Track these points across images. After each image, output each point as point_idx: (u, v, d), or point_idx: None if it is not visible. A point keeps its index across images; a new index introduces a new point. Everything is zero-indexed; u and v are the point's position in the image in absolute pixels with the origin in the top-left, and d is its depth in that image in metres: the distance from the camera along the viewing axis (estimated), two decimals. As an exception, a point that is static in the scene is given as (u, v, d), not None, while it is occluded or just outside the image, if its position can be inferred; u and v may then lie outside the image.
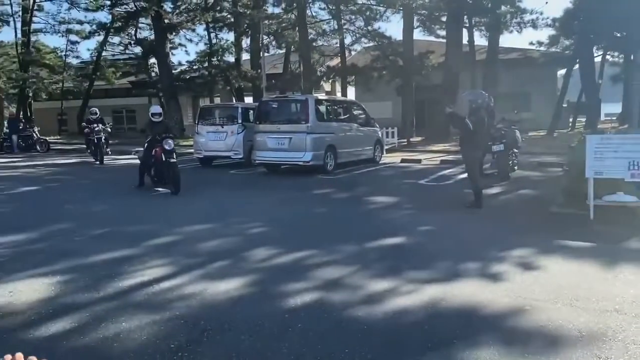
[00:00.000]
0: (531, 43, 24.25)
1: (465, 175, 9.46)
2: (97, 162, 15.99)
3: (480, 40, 26.14)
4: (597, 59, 23.43)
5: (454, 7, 21.30)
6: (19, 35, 33.57)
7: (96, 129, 16.08)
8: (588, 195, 7.05)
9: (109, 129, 17.60)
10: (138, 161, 11.31)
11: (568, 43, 23.28)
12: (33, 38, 34.55)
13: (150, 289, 4.64)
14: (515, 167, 12.02)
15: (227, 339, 3.60)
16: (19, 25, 33.73)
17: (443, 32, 24.21)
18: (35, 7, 32.91)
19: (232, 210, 8.38)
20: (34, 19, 33.74)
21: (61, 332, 3.75)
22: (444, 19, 23.76)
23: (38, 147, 21.27)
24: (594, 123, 19.82)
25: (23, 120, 22.83)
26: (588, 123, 20.47)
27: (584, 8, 20.05)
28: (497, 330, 3.67)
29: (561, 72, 27.31)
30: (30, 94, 34.61)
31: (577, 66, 22.26)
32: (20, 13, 33.07)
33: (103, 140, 16.13)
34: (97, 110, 17.57)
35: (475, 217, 7.64)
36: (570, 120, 26.68)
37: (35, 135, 21.86)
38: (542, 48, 24.40)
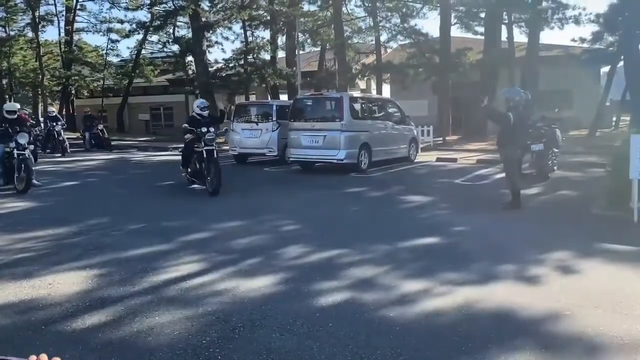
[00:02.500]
0: (573, 40, 23.49)
1: (502, 175, 9.25)
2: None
3: (520, 36, 25.55)
4: (643, 56, 22.54)
5: (492, 3, 20.87)
6: (63, 34, 34.68)
7: None
8: (632, 197, 6.80)
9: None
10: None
11: (612, 39, 22.50)
12: (76, 37, 35.62)
13: (184, 284, 4.69)
14: (555, 167, 11.69)
15: (258, 336, 3.60)
16: (62, 24, 34.89)
17: (481, 29, 23.71)
18: (78, 7, 33.93)
19: (266, 208, 8.42)
20: (77, 18, 34.82)
21: (97, 324, 3.82)
22: (482, 15, 23.30)
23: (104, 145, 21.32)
24: (638, 122, 19.10)
25: (96, 118, 22.42)
26: (632, 122, 19.75)
27: (629, 3, 19.35)
28: (534, 335, 3.56)
29: (605, 69, 26.43)
30: (73, 91, 35.65)
31: (621, 63, 21.51)
32: (64, 13, 34.14)
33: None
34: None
35: (512, 218, 7.46)
36: (614, 119, 25.81)
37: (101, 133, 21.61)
38: (584, 45, 23.65)
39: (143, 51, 34.32)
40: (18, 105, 11.42)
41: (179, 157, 11.60)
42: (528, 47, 22.65)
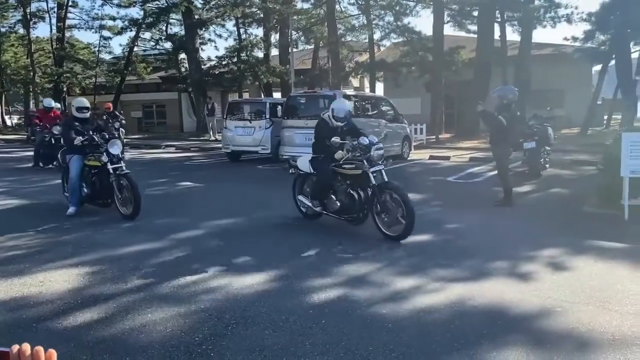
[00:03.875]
0: (565, 38, 23.66)
1: (495, 172, 9.28)
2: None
3: (513, 35, 25.62)
4: (634, 55, 22.65)
5: (485, 2, 20.89)
6: (54, 31, 34.45)
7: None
8: (623, 194, 6.85)
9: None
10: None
11: (604, 38, 22.60)
12: (67, 34, 35.38)
13: (176, 281, 4.68)
14: (547, 165, 11.75)
15: (251, 333, 3.60)
16: (54, 21, 34.66)
17: (474, 27, 23.76)
18: (70, 4, 33.66)
19: (259, 205, 8.40)
20: (69, 15, 34.55)
21: (89, 322, 3.81)
22: (475, 13, 23.33)
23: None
24: (629, 121, 19.20)
25: (117, 116, 20.21)
26: (623, 121, 19.87)
27: (621, 2, 19.45)
28: (525, 332, 3.59)
29: (596, 68, 26.54)
30: (65, 89, 35.43)
31: (613, 62, 21.63)
32: (56, 9, 33.90)
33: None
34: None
35: (504, 215, 7.49)
36: (605, 117, 25.95)
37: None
38: (576, 43, 23.74)
39: (135, 48, 34.10)
40: (87, 102, 8.11)
41: (171, 155, 11.55)
42: (520, 45, 22.72)
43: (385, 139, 6.69)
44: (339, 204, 6.35)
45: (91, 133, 7.38)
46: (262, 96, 27.30)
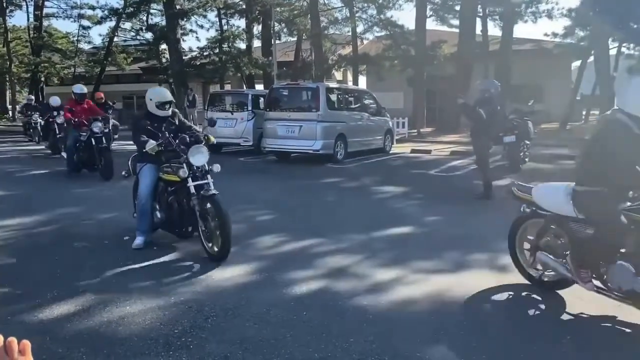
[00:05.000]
0: (546, 34, 23.88)
1: (475, 166, 9.36)
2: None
3: (494, 30, 25.82)
4: (613, 51, 23.02)
5: (467, -4, 21.03)
6: (32, 19, 33.74)
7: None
8: (600, 188, 6.92)
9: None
10: None
11: (583, 34, 22.93)
12: (45, 23, 34.71)
13: (156, 274, 4.63)
14: (527, 159, 11.88)
15: (231, 326, 3.58)
16: (31, 9, 33.95)
17: (456, 22, 23.91)
18: (48, -8, 32.99)
19: (240, 197, 8.35)
20: (47, 3, 33.88)
21: (65, 315, 3.75)
22: (457, 8, 23.47)
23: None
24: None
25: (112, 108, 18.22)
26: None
27: (600, -2, 19.74)
28: (505, 322, 3.62)
29: (576, 64, 26.93)
30: (42, 79, 34.78)
31: (592, 58, 21.94)
32: (33, -3, 33.23)
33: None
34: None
35: (484, 208, 7.56)
36: (584, 113, 26.34)
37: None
38: (556, 39, 24.05)
39: (116, 38, 33.60)
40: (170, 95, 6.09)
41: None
42: (502, 40, 22.93)
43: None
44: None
45: (167, 135, 5.28)
46: (245, 88, 27.13)
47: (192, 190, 5.03)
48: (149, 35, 30.82)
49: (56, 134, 12.82)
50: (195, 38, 68.62)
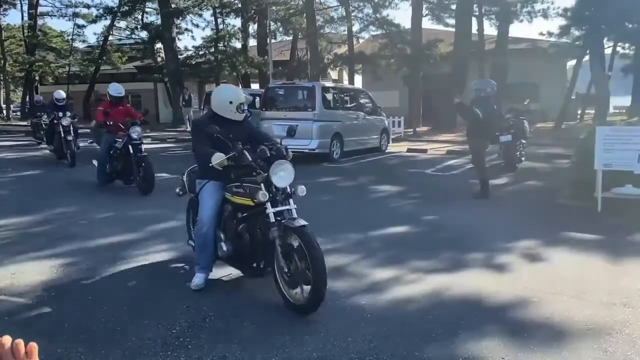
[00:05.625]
0: (541, 33, 23.91)
1: (471, 165, 9.37)
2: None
3: (490, 29, 25.86)
4: (608, 51, 23.07)
5: (463, -5, 21.05)
6: (26, 18, 33.56)
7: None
8: (596, 187, 6.98)
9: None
10: None
11: (579, 34, 22.95)
12: (40, 21, 34.56)
13: (153, 273, 4.63)
14: (523, 158, 11.91)
15: (229, 326, 3.57)
16: (25, 8, 33.76)
17: (452, 21, 23.93)
18: (42, -10, 32.84)
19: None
20: (41, 2, 33.75)
21: (63, 314, 3.73)
22: (453, 7, 23.49)
23: None
24: (603, 115, 19.57)
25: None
26: (597, 115, 20.24)
27: (596, -3, 19.77)
28: (502, 321, 3.63)
29: (571, 63, 26.97)
30: (37, 78, 34.60)
31: (587, 57, 21.98)
32: (27, -5, 33.06)
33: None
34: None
35: (481, 207, 7.57)
36: (579, 112, 26.39)
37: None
38: (552, 38, 24.08)
39: (110, 37, 33.49)
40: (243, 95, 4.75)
41: (147, 147, 11.37)
42: (497, 39, 22.97)
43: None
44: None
45: (240, 147, 4.01)
46: (240, 87, 27.07)
47: (272, 218, 3.84)
48: (144, 34, 30.74)
49: (61, 137, 11.71)
50: (191, 37, 68.55)
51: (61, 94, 12.96)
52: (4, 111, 34.39)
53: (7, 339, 1.00)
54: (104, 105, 8.93)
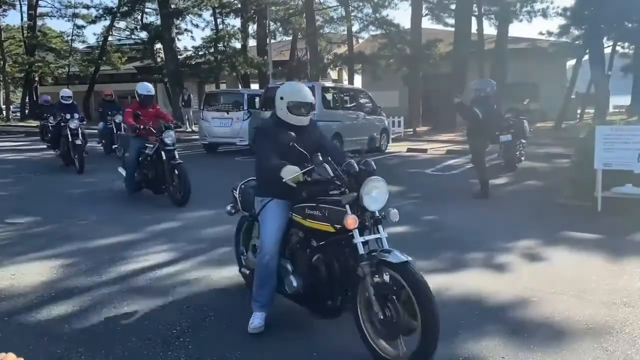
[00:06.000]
0: (541, 33, 23.91)
1: (471, 165, 9.37)
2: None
3: (489, 29, 25.87)
4: (607, 50, 23.07)
5: (463, -5, 21.05)
6: (25, 18, 33.57)
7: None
8: (596, 186, 6.98)
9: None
10: None
11: (578, 33, 22.97)
12: (39, 22, 34.57)
13: (153, 274, 4.62)
14: (523, 158, 11.91)
15: (230, 325, 3.57)
16: (25, 8, 33.77)
17: (452, 21, 23.93)
18: (42, -9, 32.85)
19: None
20: (40, 2, 33.74)
21: (63, 315, 3.73)
22: (452, 7, 23.49)
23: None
24: (602, 115, 19.58)
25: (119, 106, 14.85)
26: (597, 115, 20.25)
27: (595, -4, 19.79)
28: (502, 321, 3.63)
29: (570, 62, 26.97)
30: (36, 78, 34.61)
31: (586, 57, 21.99)
32: (27, -4, 33.07)
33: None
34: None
35: (481, 207, 7.57)
36: (579, 111, 26.40)
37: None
38: (551, 38, 24.09)
39: (110, 38, 33.52)
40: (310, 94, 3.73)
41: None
42: (497, 39, 22.97)
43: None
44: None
45: (320, 158, 3.19)
46: (240, 87, 27.08)
47: (362, 249, 3.09)
48: (143, 35, 30.77)
49: (68, 140, 10.92)
50: (190, 37, 68.78)
51: (67, 91, 12.30)
52: (4, 112, 34.39)
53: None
54: (132, 107, 8.05)
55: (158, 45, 29.96)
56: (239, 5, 28.30)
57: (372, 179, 3.14)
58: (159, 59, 30.53)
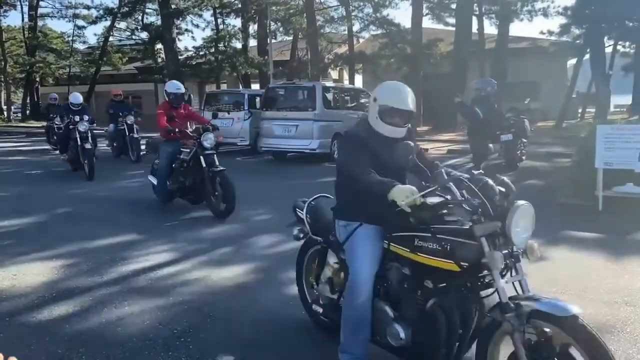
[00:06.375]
0: (541, 32, 23.93)
1: (472, 164, 9.36)
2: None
3: (490, 28, 25.88)
4: (608, 49, 23.05)
5: (463, -5, 21.04)
6: (26, 19, 33.61)
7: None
8: (597, 185, 6.97)
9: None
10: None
11: (579, 32, 22.95)
12: (40, 22, 34.66)
13: (154, 274, 4.62)
14: (524, 157, 11.88)
15: (231, 326, 3.57)
16: (25, 9, 33.83)
17: (452, 20, 23.91)
18: (42, -9, 32.90)
19: (238, 197, 8.32)
20: (41, 3, 33.79)
21: (64, 315, 3.73)
22: (453, 6, 23.47)
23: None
24: (603, 114, 19.56)
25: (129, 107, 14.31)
26: (597, 114, 20.23)
27: (596, -5, 19.77)
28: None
29: (571, 62, 26.94)
30: (37, 79, 34.65)
31: (587, 56, 21.97)
32: (28, -3, 33.13)
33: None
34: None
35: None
36: (580, 111, 26.37)
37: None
38: (552, 37, 24.07)
39: (111, 38, 33.52)
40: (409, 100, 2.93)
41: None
42: (498, 39, 22.95)
43: None
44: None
45: (445, 176, 2.71)
46: (241, 87, 27.08)
47: (504, 296, 2.43)
48: (144, 35, 30.74)
49: (77, 144, 10.21)
50: (191, 37, 68.72)
51: (77, 97, 11.53)
52: (5, 112, 34.44)
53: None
54: (163, 108, 7.23)
55: (159, 46, 29.95)
56: (240, 5, 28.31)
57: (522, 205, 2.51)
58: (159, 60, 30.53)
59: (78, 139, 10.20)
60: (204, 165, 6.73)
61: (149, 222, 6.53)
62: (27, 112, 34.14)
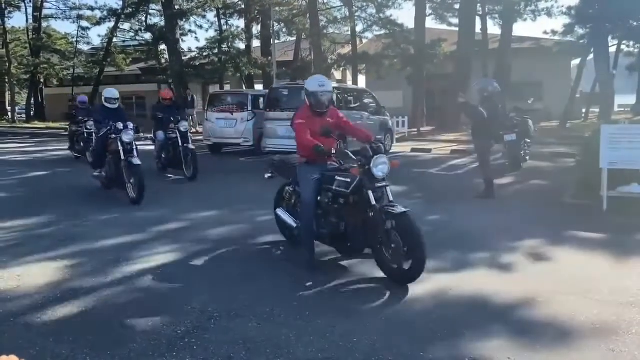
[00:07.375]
0: (545, 32, 23.87)
1: (476, 165, 9.34)
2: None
3: (494, 28, 25.83)
4: (612, 49, 23.01)
5: (467, -5, 21.02)
6: (30, 20, 33.76)
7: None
8: (602, 186, 6.94)
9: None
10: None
11: (583, 32, 22.91)
12: (44, 24, 34.79)
13: (158, 274, 4.63)
14: (527, 158, 11.87)
15: (234, 326, 3.57)
16: (30, 10, 33.99)
17: (456, 20, 23.91)
18: (47, -7, 33.03)
19: (241, 198, 8.35)
20: (45, 4, 33.92)
21: (69, 316, 3.74)
22: (456, 6, 23.46)
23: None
24: (607, 114, 19.51)
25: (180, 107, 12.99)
26: (601, 114, 20.17)
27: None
28: (507, 321, 3.62)
29: (575, 62, 26.90)
30: (42, 80, 34.78)
31: (591, 56, 21.93)
32: (32, -2, 33.26)
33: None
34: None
35: (486, 207, 7.54)
36: (584, 111, 26.33)
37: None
38: (556, 37, 24.03)
39: (115, 39, 33.63)
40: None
41: (151, 148, 11.40)
42: (501, 39, 22.93)
43: None
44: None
45: None
46: (244, 88, 27.11)
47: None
48: (148, 36, 30.85)
49: (121, 159, 7.92)
50: (195, 38, 68.85)
51: (113, 91, 8.98)
52: (10, 113, 34.58)
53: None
54: (301, 115, 5.26)
55: (162, 47, 30.03)
56: (243, 6, 28.35)
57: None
58: (163, 60, 30.60)
59: (121, 153, 7.87)
60: (374, 203, 4.42)
61: (153, 223, 6.53)
62: (32, 113, 34.28)
